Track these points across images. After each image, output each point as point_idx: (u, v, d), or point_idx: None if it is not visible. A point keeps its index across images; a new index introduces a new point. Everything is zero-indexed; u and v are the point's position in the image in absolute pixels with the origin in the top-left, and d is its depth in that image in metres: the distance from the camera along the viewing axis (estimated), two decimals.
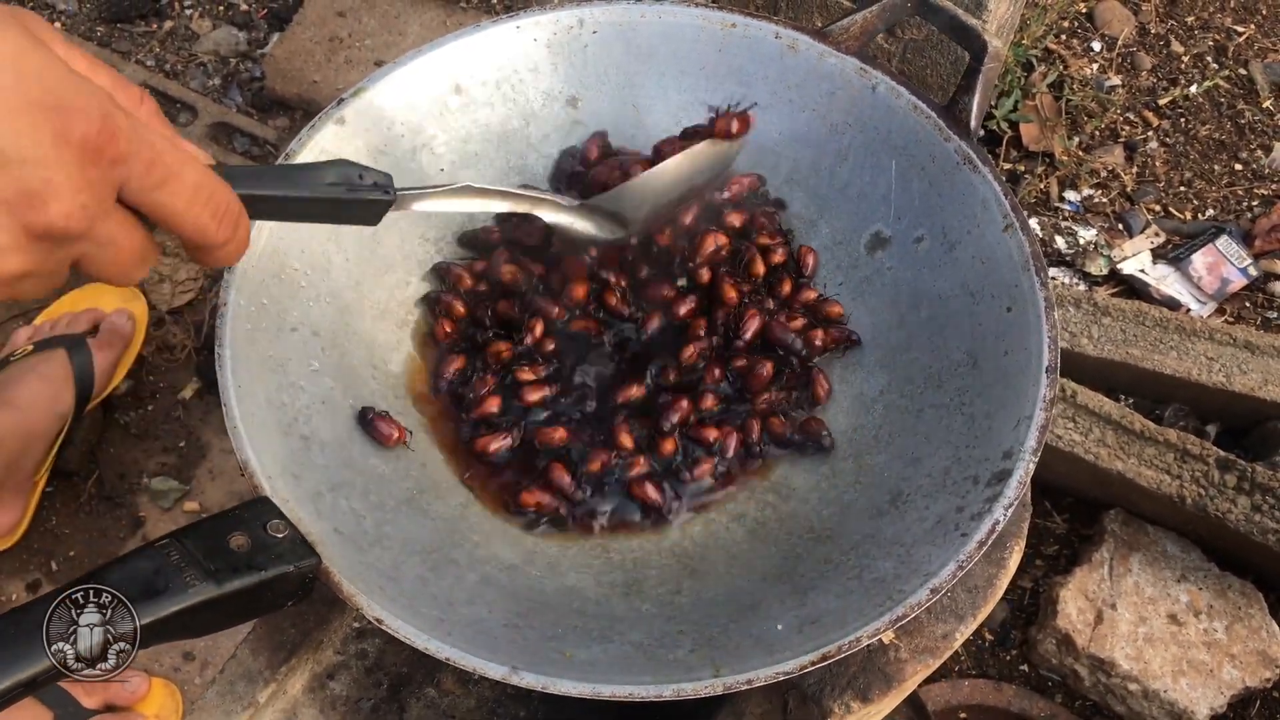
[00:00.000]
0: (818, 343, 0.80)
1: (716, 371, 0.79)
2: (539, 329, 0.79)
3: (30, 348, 1.29)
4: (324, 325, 0.76)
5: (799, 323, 0.81)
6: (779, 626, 0.64)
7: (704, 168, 0.77)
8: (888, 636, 0.72)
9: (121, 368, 1.35)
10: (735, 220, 0.83)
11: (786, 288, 0.83)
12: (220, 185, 0.48)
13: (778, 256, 0.83)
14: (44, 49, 0.41)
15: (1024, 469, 0.66)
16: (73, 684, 1.10)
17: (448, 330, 0.81)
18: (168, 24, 1.72)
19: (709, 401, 0.78)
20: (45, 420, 1.23)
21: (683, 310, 0.81)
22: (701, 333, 0.80)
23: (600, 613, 0.69)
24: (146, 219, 0.46)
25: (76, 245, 0.43)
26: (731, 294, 0.81)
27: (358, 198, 0.57)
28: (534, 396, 0.78)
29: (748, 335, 0.79)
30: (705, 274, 0.82)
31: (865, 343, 0.82)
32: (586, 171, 0.85)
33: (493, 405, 0.77)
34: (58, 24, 1.69)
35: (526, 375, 0.78)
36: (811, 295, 0.83)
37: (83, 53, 0.47)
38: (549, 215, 0.72)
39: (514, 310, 0.80)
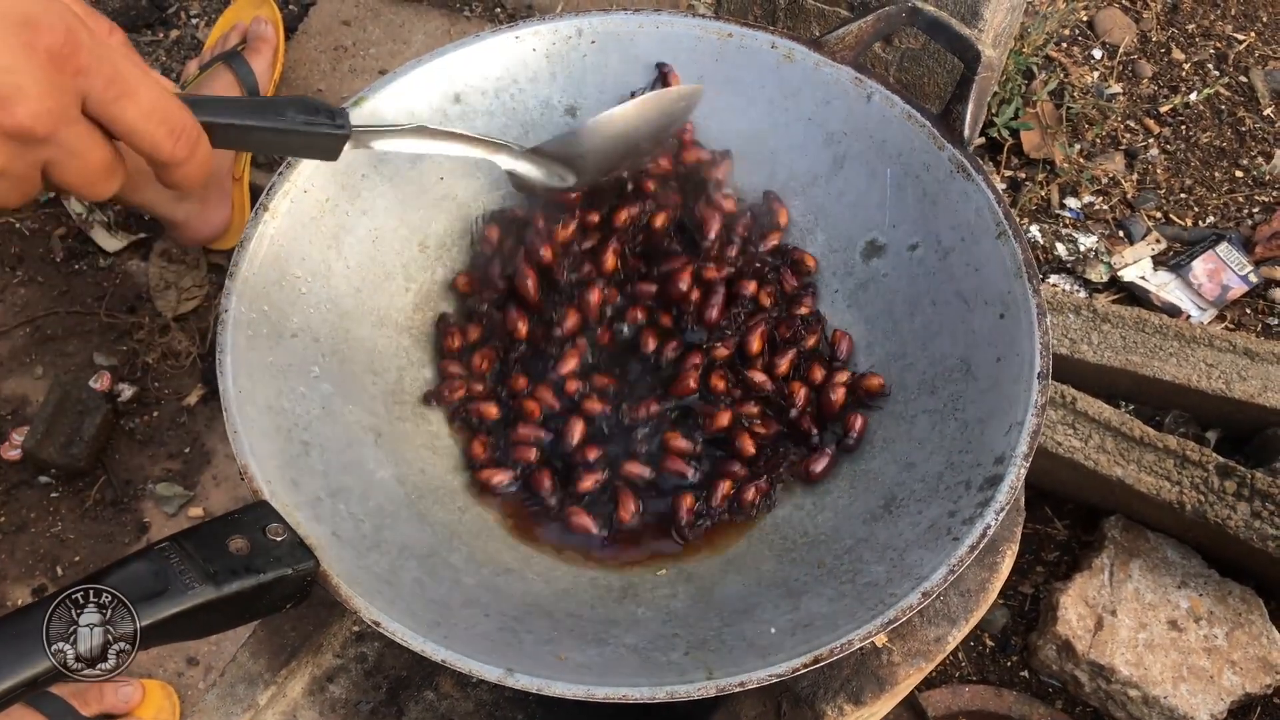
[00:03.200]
0: (856, 429, 0.79)
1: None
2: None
3: (198, 71, 1.51)
4: (324, 331, 0.76)
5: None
6: (772, 629, 0.65)
7: (653, 116, 0.78)
8: (880, 640, 0.72)
9: (277, 66, 1.55)
10: (764, 299, 0.83)
11: (819, 374, 0.81)
12: (177, 105, 0.51)
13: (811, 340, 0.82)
14: None
15: (1015, 474, 0.66)
16: (71, 693, 1.11)
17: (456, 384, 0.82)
18: (174, 33, 1.73)
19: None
20: None
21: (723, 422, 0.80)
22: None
23: (595, 616, 0.69)
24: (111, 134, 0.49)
25: (44, 149, 0.46)
26: (750, 448, 0.79)
27: (315, 130, 0.61)
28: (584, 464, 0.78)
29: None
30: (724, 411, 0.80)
31: (860, 349, 0.82)
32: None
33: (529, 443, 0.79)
34: None
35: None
36: (844, 377, 0.81)
37: None
38: (501, 160, 0.75)
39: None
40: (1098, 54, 1.75)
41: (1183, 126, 1.68)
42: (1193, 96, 1.70)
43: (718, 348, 0.80)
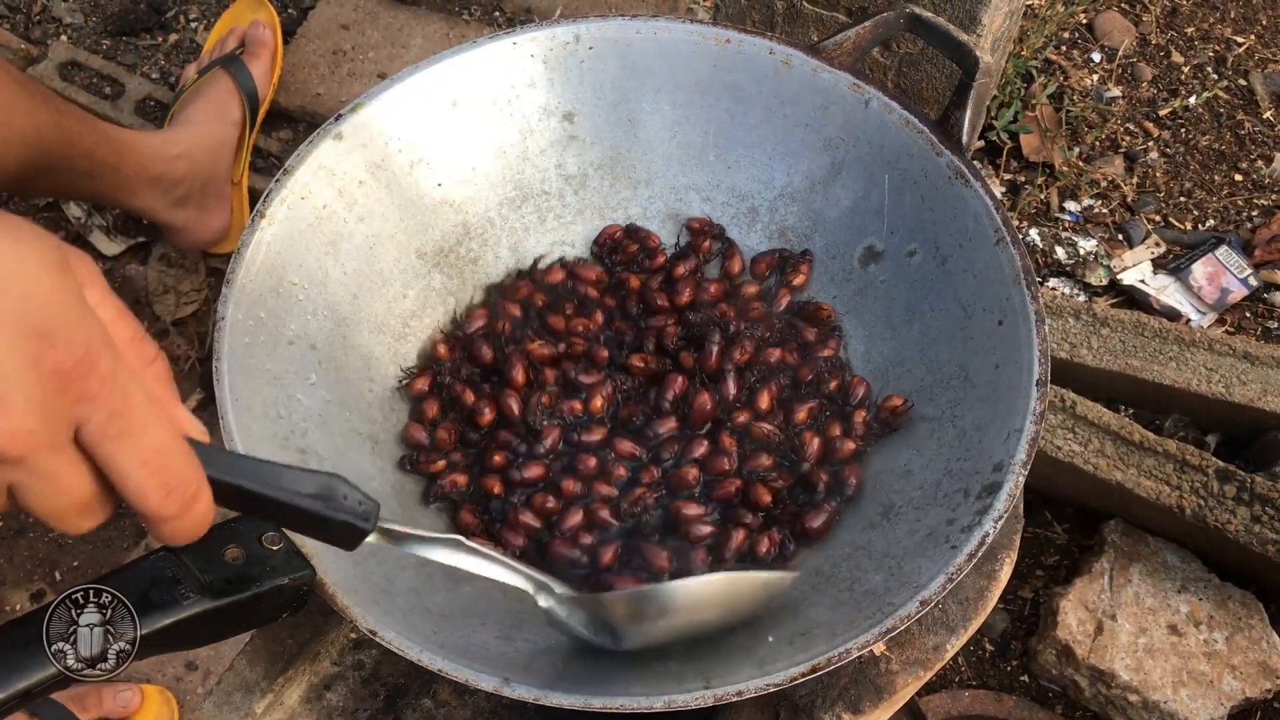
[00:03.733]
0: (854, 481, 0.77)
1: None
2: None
3: (196, 76, 1.51)
4: (321, 339, 0.76)
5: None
6: (770, 638, 0.64)
7: (745, 601, 0.65)
8: (878, 648, 0.72)
9: (276, 70, 1.55)
10: (788, 358, 0.82)
11: (835, 430, 0.80)
12: (183, 459, 0.46)
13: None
14: (67, 283, 0.41)
15: (1014, 481, 0.66)
16: (69, 698, 1.11)
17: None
18: (173, 37, 1.73)
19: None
20: (222, 129, 1.44)
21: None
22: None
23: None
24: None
25: (13, 470, 0.41)
26: (766, 498, 0.77)
27: (334, 517, 0.54)
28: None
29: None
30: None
31: (858, 355, 0.82)
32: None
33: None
34: (64, 36, 1.71)
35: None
36: (862, 416, 0.80)
37: (115, 301, 0.46)
38: (540, 598, 0.63)
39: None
40: (1097, 57, 1.75)
41: (1182, 130, 1.68)
42: (1192, 100, 1.70)
43: (736, 417, 0.79)
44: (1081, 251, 1.56)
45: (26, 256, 0.40)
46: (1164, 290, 1.51)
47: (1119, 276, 1.53)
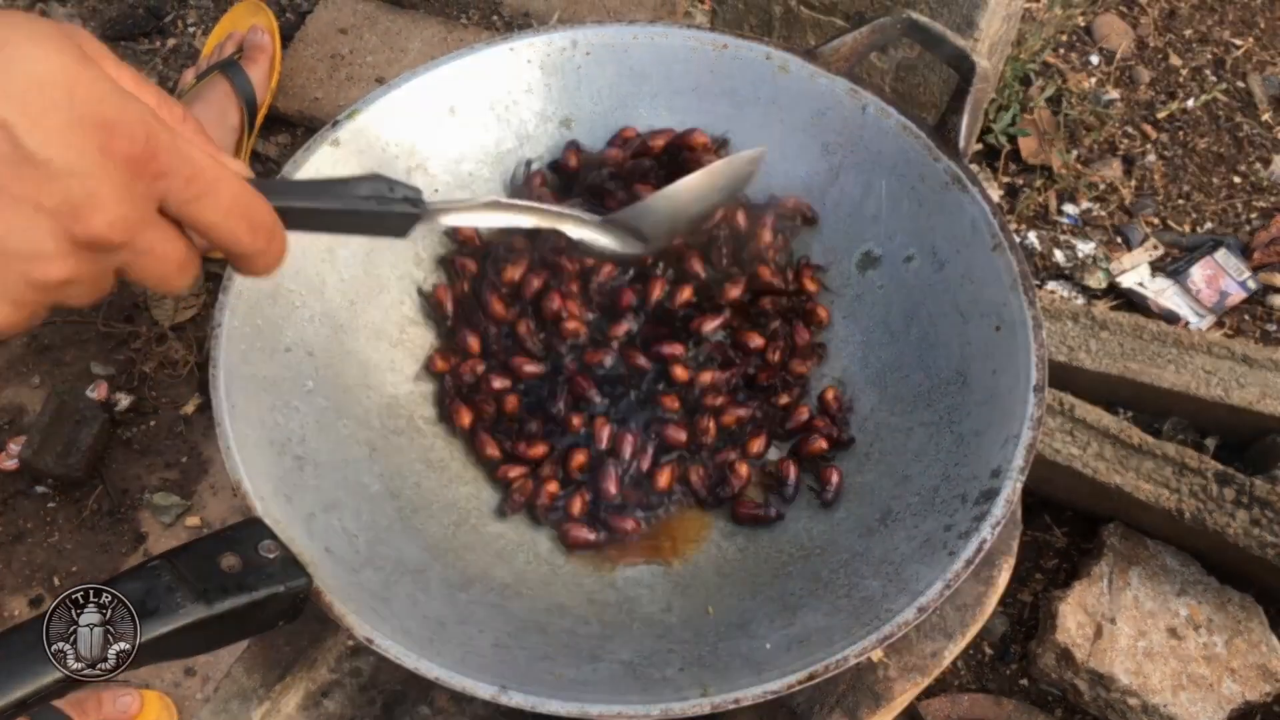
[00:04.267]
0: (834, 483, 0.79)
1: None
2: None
3: (194, 80, 1.52)
4: (318, 345, 0.76)
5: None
6: (767, 645, 0.64)
7: (721, 184, 0.78)
8: (876, 655, 0.72)
9: (274, 74, 1.56)
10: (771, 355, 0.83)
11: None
12: (256, 198, 0.50)
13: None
14: (94, 67, 0.43)
15: (1011, 487, 0.66)
16: (69, 703, 1.11)
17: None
18: (171, 42, 1.73)
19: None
20: (220, 134, 1.46)
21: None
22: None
23: (590, 632, 0.69)
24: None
25: (119, 254, 0.45)
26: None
27: (388, 210, 0.59)
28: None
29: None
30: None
31: (855, 361, 0.82)
32: (573, 178, 0.86)
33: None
34: None
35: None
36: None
37: (131, 71, 0.49)
38: (573, 230, 0.73)
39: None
40: (1095, 60, 1.75)
41: (1180, 132, 1.68)
42: (1190, 102, 1.70)
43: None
44: (1080, 254, 1.56)
45: (51, 54, 0.42)
46: (1162, 293, 1.51)
47: (1117, 279, 1.53)
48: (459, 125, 0.85)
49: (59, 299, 0.45)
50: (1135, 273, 1.54)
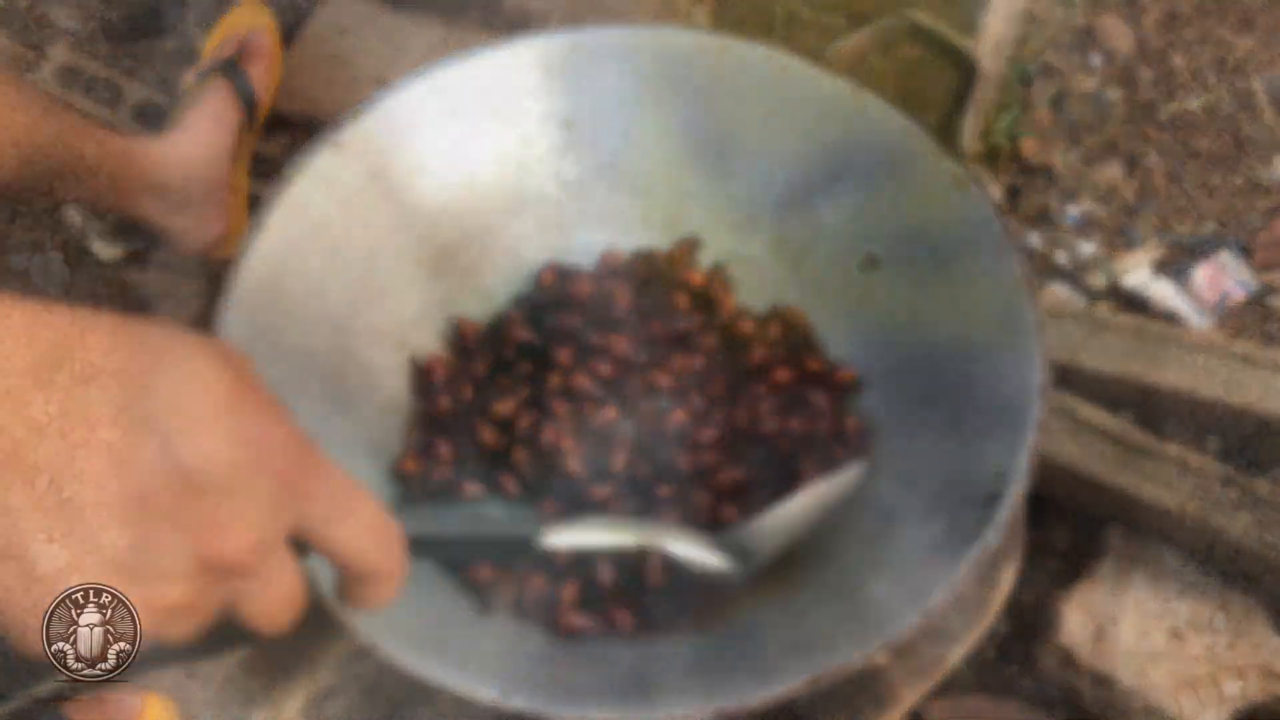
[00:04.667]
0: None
1: None
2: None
3: (195, 81, 1.49)
4: (320, 348, 0.76)
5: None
6: (770, 650, 0.64)
7: (823, 505, 0.72)
8: (879, 659, 0.72)
9: (274, 75, 1.54)
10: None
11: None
12: (392, 521, 0.47)
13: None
14: (254, 385, 0.41)
15: (1015, 490, 0.66)
16: (69, 705, 1.11)
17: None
18: (171, 43, 1.73)
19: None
20: (221, 134, 1.42)
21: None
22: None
23: (593, 636, 0.69)
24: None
25: (238, 582, 0.41)
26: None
27: (506, 538, 0.57)
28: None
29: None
30: None
31: (857, 364, 0.82)
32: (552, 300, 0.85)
33: None
34: (62, 42, 1.71)
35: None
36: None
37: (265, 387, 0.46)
38: (680, 549, 0.66)
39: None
40: (1096, 60, 1.75)
41: (1182, 133, 1.68)
42: (1192, 103, 1.70)
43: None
44: (1081, 255, 1.56)
45: (215, 369, 0.39)
46: (1164, 294, 1.51)
47: (1119, 280, 1.53)
48: (460, 127, 0.85)
49: (161, 629, 0.41)
50: (1137, 273, 1.54)
